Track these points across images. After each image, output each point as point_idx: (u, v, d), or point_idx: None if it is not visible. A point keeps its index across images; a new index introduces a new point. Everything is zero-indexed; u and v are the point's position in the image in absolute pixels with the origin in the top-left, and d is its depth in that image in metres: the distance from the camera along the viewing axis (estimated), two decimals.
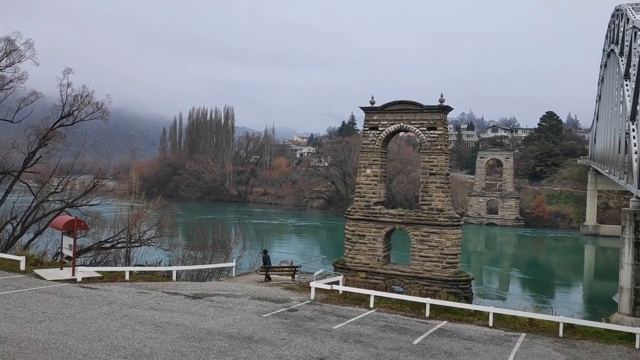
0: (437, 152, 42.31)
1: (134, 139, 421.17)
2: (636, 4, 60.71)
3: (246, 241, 60.64)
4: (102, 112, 48.87)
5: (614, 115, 62.77)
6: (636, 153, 38.82)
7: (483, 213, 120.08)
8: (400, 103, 43.70)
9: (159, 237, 48.43)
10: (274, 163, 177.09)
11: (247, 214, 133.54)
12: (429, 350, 21.25)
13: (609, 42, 75.22)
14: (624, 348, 23.99)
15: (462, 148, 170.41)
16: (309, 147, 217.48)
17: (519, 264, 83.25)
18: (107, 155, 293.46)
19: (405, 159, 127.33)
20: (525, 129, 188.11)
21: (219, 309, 25.95)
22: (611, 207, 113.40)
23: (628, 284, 36.43)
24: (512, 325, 26.95)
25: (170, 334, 20.54)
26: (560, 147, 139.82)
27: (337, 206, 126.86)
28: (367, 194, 44.30)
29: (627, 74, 50.92)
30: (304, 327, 23.44)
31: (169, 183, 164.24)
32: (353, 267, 43.47)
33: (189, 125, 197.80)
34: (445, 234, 41.40)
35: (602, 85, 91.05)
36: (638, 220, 36.44)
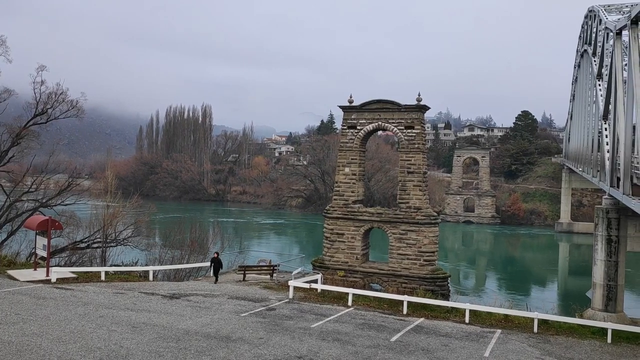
0: (415, 151, 42.67)
1: (110, 137, 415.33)
2: (608, 6, 61.89)
3: (224, 240, 60.23)
4: (77, 110, 48.12)
5: (587, 114, 63.93)
6: (608, 152, 39.56)
7: (460, 211, 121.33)
8: (378, 102, 43.95)
9: (135, 237, 47.88)
10: (252, 162, 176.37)
11: (225, 213, 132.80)
12: (406, 347, 21.43)
13: (583, 42, 76.58)
14: (596, 343, 24.50)
15: (440, 147, 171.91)
16: (287, 146, 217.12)
17: (495, 261, 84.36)
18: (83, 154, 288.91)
19: (383, 157, 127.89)
20: (501, 128, 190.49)
21: (197, 308, 25.79)
22: (585, 204, 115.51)
23: (601, 280, 37.14)
24: (488, 321, 27.32)
25: (147, 335, 20.35)
26: (535, 145, 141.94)
27: (316, 205, 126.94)
28: (345, 192, 44.45)
29: (600, 74, 51.91)
30: (283, 326, 23.43)
31: (145, 182, 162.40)
32: (332, 265, 43.59)
33: (166, 123, 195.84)
34: (423, 232, 41.77)
35: (575, 85, 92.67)
36: (610, 217, 37.18)
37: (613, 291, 36.83)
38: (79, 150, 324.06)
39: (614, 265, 36.79)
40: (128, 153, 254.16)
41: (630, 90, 29.76)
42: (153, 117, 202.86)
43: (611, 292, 36.75)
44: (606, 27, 48.14)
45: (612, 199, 37.35)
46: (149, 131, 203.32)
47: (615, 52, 37.59)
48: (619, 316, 35.92)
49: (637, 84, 28.36)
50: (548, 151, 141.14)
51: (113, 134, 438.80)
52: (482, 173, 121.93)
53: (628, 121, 31.69)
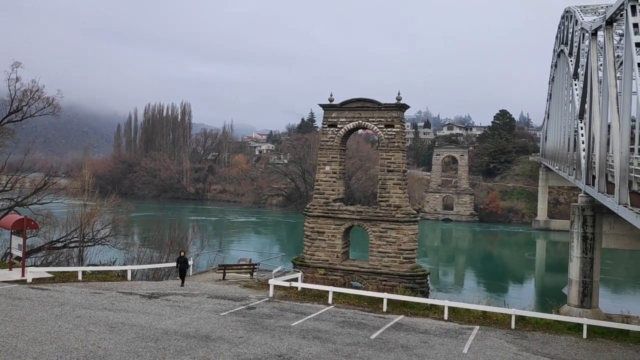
0: (395, 150, 42.89)
1: (87, 135, 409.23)
2: (584, 7, 62.87)
3: (204, 239, 59.91)
4: (53, 107, 47.34)
5: (563, 113, 64.91)
6: (584, 150, 40.22)
7: (439, 209, 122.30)
8: (358, 101, 44.05)
9: (113, 236, 47.33)
10: (232, 160, 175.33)
11: (205, 211, 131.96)
12: (386, 344, 21.55)
13: (559, 42, 77.66)
14: (572, 338, 24.93)
15: (419, 145, 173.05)
16: (268, 144, 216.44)
17: (474, 258, 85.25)
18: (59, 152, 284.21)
19: (363, 156, 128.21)
20: (480, 127, 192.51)
21: (176, 308, 25.60)
22: (561, 202, 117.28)
23: (577, 277, 37.78)
24: (467, 318, 27.62)
25: (125, 335, 20.14)
26: (513, 144, 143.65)
27: (297, 203, 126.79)
28: (326, 190, 44.49)
29: (576, 74, 52.72)
30: (263, 324, 23.38)
31: (123, 181, 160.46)
32: (312, 263, 43.62)
33: (144, 121, 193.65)
34: (403, 229, 42.02)
35: (552, 84, 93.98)
36: (586, 215, 37.82)
37: (588, 287, 37.49)
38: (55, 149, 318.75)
39: (589, 262, 37.45)
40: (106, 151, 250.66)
41: (605, 90, 30.30)
42: (131, 115, 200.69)
43: (587, 288, 37.40)
44: (582, 27, 48.92)
45: (588, 197, 38.01)
46: (127, 129, 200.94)
47: (591, 52, 38.23)
48: (595, 312, 36.59)
49: (612, 84, 28.88)
50: (525, 150, 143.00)
51: (90, 132, 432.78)
52: (461, 171, 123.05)
53: (603, 120, 32.26)
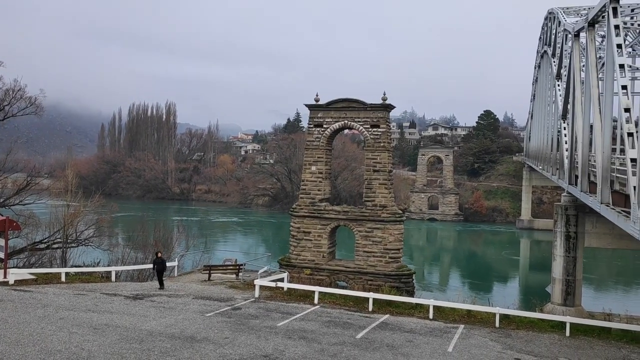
0: (380, 150, 43.04)
1: (70, 135, 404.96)
2: (567, 8, 63.66)
3: (189, 240, 59.57)
4: (35, 107, 46.71)
5: (546, 114, 65.61)
6: (567, 150, 40.65)
7: (424, 209, 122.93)
8: (344, 101, 44.14)
9: (97, 237, 46.85)
10: (218, 160, 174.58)
11: (190, 212, 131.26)
12: (371, 343, 21.61)
13: (543, 44, 78.48)
14: (555, 336, 25.20)
15: (405, 145, 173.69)
16: (254, 144, 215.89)
17: (459, 257, 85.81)
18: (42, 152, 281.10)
19: (349, 156, 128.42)
20: (464, 127, 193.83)
21: (161, 309, 25.43)
22: (545, 202, 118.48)
23: (560, 275, 38.19)
24: (452, 317, 27.80)
25: (109, 336, 19.96)
26: (497, 144, 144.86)
27: (283, 203, 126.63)
28: (312, 190, 44.51)
29: (559, 75, 53.30)
30: (248, 325, 23.32)
31: (108, 181, 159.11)
32: (298, 263, 43.60)
33: (128, 121, 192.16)
34: (388, 229, 42.17)
35: (536, 85, 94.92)
36: (569, 214, 38.25)
37: (572, 286, 37.92)
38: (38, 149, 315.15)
39: (572, 261, 37.88)
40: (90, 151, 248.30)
41: (588, 91, 30.66)
42: (115, 115, 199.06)
43: (570, 286, 37.83)
44: (565, 29, 49.45)
45: (571, 197, 38.43)
46: (112, 129, 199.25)
47: (574, 53, 38.65)
48: (577, 310, 37.02)
49: (594, 84, 29.23)
50: (509, 150, 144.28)
51: (74, 131, 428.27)
52: (446, 171, 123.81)
53: (585, 121, 32.66)
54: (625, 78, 21.76)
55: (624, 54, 22.55)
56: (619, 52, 22.17)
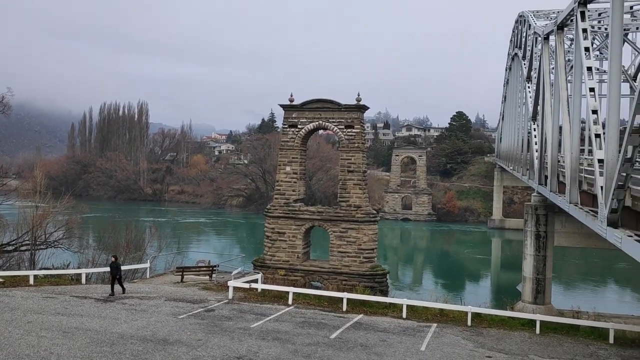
0: (355, 150, 43.19)
1: (39, 135, 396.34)
2: (537, 11, 64.79)
3: (161, 241, 58.77)
4: (2, 106, 45.55)
5: (517, 115, 66.66)
6: (537, 151, 41.36)
7: (398, 209, 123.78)
8: (318, 101, 44.17)
9: (67, 239, 45.95)
10: (191, 160, 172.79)
11: (163, 213, 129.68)
12: (345, 343, 21.66)
13: (514, 46, 79.75)
14: (525, 334, 25.64)
15: (379, 146, 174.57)
16: (228, 145, 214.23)
17: (432, 257, 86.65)
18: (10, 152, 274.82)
19: (324, 156, 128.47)
20: (437, 128, 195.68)
21: (132, 311, 25.08)
22: (515, 201, 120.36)
23: (530, 274, 38.80)
24: (424, 316, 28.06)
25: (79, 340, 19.61)
26: (469, 145, 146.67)
27: (257, 204, 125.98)
28: (286, 191, 44.41)
29: (529, 77, 54.22)
30: (222, 326, 23.16)
31: (78, 182, 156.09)
32: (273, 264, 43.46)
33: (99, 120, 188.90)
34: (363, 229, 42.34)
35: (507, 87, 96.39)
36: (539, 214, 38.89)
37: (542, 284, 38.57)
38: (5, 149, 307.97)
39: (542, 260, 38.52)
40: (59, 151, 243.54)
41: (557, 93, 31.26)
42: (86, 114, 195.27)
43: (540, 285, 38.45)
44: (535, 32, 50.35)
45: (541, 196, 39.11)
46: (82, 128, 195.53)
47: (543, 56, 39.36)
48: (547, 308, 37.67)
49: (563, 87, 29.81)
50: (481, 151, 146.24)
51: (43, 131, 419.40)
52: (419, 172, 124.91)
53: (555, 122, 33.30)
54: (593, 80, 22.24)
55: (592, 57, 23.03)
56: (587, 55, 22.64)
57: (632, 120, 14.37)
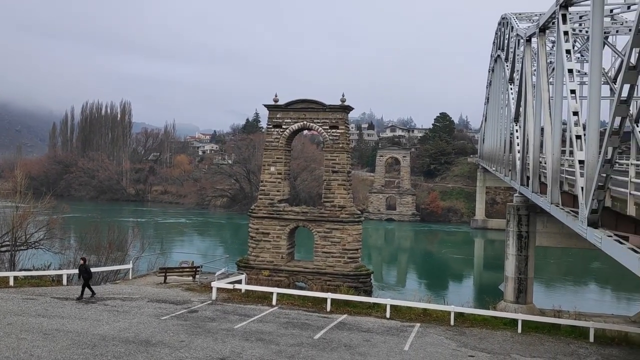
0: (339, 151, 43.27)
1: (20, 134, 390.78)
2: (520, 14, 65.47)
3: (144, 242, 58.25)
4: None
5: (500, 116, 67.28)
6: (519, 152, 41.74)
7: (382, 209, 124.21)
8: (303, 102, 44.20)
9: (48, 239, 45.36)
10: (174, 160, 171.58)
11: (146, 213, 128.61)
12: (329, 344, 21.68)
13: (496, 48, 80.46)
14: (507, 333, 25.87)
15: (363, 147, 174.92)
16: (212, 145, 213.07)
17: (415, 257, 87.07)
18: None
19: (309, 157, 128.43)
20: (421, 129, 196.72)
21: (114, 313, 24.84)
22: (498, 202, 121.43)
23: (512, 274, 39.16)
24: (408, 316, 28.17)
25: (60, 342, 19.37)
26: (453, 146, 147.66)
27: (242, 204, 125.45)
28: (271, 191, 44.34)
29: (512, 79, 54.74)
30: (205, 328, 23.04)
31: (59, 182, 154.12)
32: (257, 265, 43.36)
33: (81, 120, 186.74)
34: (347, 229, 42.43)
35: (490, 88, 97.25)
36: (521, 214, 39.27)
37: (523, 284, 38.94)
38: None
39: (524, 260, 38.90)
40: (40, 151, 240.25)
41: (539, 94, 31.59)
42: (68, 114, 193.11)
43: (522, 284, 38.83)
44: (517, 34, 50.85)
45: (523, 197, 39.49)
46: (64, 128, 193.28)
47: (525, 58, 39.75)
48: (529, 307, 38.06)
49: (545, 88, 30.13)
50: (464, 151, 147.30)
51: (24, 130, 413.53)
52: (403, 172, 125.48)
53: (536, 123, 33.64)
54: (574, 82, 22.51)
55: (573, 59, 23.30)
56: (568, 57, 22.90)
57: (612, 122, 14.59)
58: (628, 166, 16.70)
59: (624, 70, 13.90)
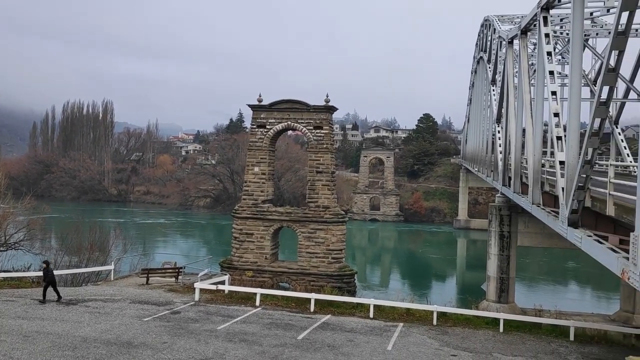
0: (323, 151, 43.31)
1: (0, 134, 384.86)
2: (502, 16, 66.08)
3: (126, 243, 57.72)
4: None
5: (482, 118, 67.85)
6: (501, 153, 42.11)
7: (366, 209, 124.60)
8: (287, 102, 44.16)
9: (28, 240, 44.73)
10: (157, 160, 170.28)
11: (128, 213, 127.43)
12: (313, 344, 21.68)
13: (479, 50, 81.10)
14: (489, 332, 26.10)
15: (347, 147, 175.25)
16: (195, 145, 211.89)
17: (399, 257, 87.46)
18: None
19: (293, 157, 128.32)
20: (405, 129, 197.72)
21: (96, 314, 24.57)
22: (480, 202, 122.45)
23: (494, 273, 39.52)
24: (391, 315, 28.28)
25: (41, 344, 19.12)
26: (436, 147, 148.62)
27: (225, 205, 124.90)
28: (255, 192, 44.22)
29: (494, 80, 55.25)
30: (188, 329, 22.90)
31: (40, 182, 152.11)
32: (240, 266, 43.21)
33: (63, 119, 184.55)
34: (331, 230, 42.48)
35: (472, 90, 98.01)
36: (503, 214, 39.65)
37: (505, 283, 39.33)
38: None
39: (506, 259, 39.28)
40: (20, 151, 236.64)
41: (520, 96, 31.93)
42: (48, 113, 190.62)
43: (504, 284, 39.20)
44: (499, 36, 51.30)
45: (505, 197, 39.86)
46: (44, 127, 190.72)
47: (507, 59, 40.15)
48: (511, 307, 38.44)
49: (526, 90, 30.47)
50: (447, 152, 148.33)
51: (3, 130, 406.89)
52: (387, 173, 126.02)
53: (518, 125, 34.00)
54: (555, 84, 22.78)
55: (554, 61, 23.59)
56: (549, 59, 23.18)
57: (591, 123, 14.79)
58: (607, 167, 16.94)
59: (603, 73, 14.11)
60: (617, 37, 13.16)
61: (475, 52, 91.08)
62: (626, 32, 13.12)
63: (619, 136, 39.44)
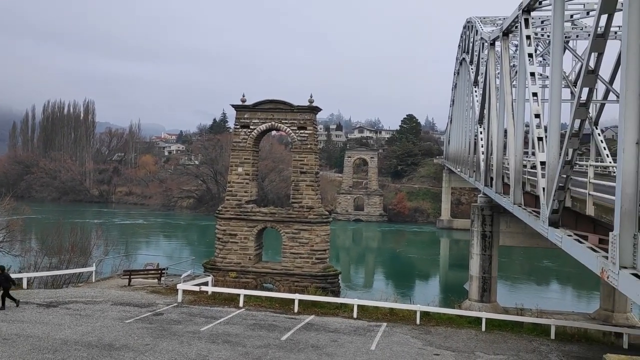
0: (307, 151, 43.29)
1: None
2: (484, 18, 66.66)
3: (108, 244, 57.13)
4: None
5: (465, 118, 68.41)
6: (483, 153, 42.48)
7: (350, 210, 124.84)
8: (271, 102, 44.05)
9: (7, 242, 44.07)
10: (139, 161, 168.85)
11: (110, 214, 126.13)
12: (296, 345, 21.66)
13: (462, 51, 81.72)
14: (472, 331, 26.32)
15: (331, 147, 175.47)
16: (178, 145, 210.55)
17: (383, 257, 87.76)
18: None
19: (277, 157, 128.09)
20: (389, 130, 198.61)
21: (77, 316, 24.28)
22: (463, 202, 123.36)
23: (477, 273, 39.85)
24: (375, 315, 28.38)
25: (20, 347, 18.84)
26: (419, 147, 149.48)
27: (208, 205, 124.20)
28: (238, 192, 44.05)
29: (476, 81, 55.70)
30: (170, 330, 22.73)
31: (20, 182, 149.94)
32: (224, 267, 43.00)
33: (43, 119, 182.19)
34: (315, 230, 42.47)
35: (455, 91, 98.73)
36: (485, 214, 40.00)
37: (487, 283, 39.67)
38: None
39: (488, 259, 39.63)
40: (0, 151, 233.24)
41: (502, 97, 32.26)
42: (28, 113, 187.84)
43: (486, 283, 39.54)
44: (482, 37, 51.70)
45: (487, 197, 40.21)
46: (24, 127, 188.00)
47: (489, 61, 40.55)
48: (493, 306, 38.78)
49: (508, 91, 30.79)
50: (430, 153, 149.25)
51: None
52: (371, 173, 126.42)
53: (500, 126, 34.34)
54: (536, 86, 23.07)
55: (535, 63, 23.89)
56: (530, 61, 23.46)
57: (572, 124, 14.98)
58: (587, 167, 17.17)
59: (583, 74, 14.32)
60: (596, 39, 13.35)
61: (458, 53, 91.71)
62: (605, 35, 13.31)
63: (599, 137, 40.04)
